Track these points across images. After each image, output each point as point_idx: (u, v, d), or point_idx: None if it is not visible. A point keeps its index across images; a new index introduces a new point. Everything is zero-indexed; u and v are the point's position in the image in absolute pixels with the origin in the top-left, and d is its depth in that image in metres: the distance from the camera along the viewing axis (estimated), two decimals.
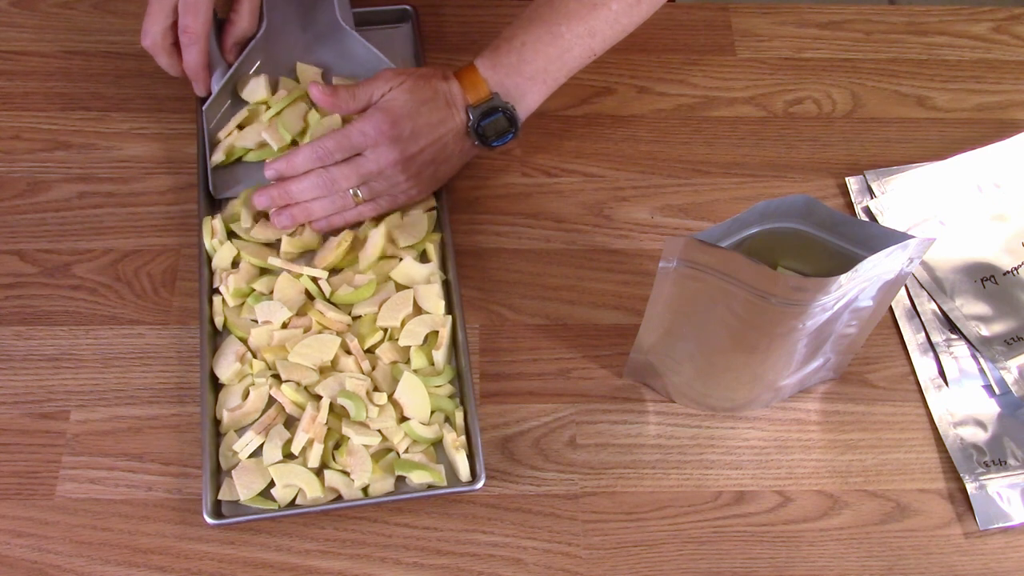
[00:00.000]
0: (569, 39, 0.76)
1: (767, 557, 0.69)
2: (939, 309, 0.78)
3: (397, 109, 0.73)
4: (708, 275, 0.60)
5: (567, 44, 0.76)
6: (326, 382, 0.71)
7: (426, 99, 0.74)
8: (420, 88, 0.74)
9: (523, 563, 0.68)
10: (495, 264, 0.80)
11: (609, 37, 0.78)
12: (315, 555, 0.68)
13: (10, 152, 0.84)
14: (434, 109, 0.74)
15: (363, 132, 0.73)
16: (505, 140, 0.77)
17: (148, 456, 0.71)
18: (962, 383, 0.75)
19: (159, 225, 0.80)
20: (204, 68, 0.79)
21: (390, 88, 0.74)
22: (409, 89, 0.73)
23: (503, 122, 0.76)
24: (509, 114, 0.75)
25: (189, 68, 0.79)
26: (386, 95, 0.73)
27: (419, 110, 0.73)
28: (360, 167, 0.74)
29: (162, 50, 0.78)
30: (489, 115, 0.75)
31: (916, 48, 0.93)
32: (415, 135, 0.73)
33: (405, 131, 0.73)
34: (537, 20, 0.76)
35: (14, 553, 0.67)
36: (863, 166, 0.85)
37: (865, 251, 0.61)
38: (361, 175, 0.74)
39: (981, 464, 0.72)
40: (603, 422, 0.73)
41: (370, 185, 0.75)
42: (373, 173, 0.74)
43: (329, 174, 0.74)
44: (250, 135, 0.81)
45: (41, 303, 0.77)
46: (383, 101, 0.73)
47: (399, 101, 0.73)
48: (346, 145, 0.73)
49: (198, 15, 0.76)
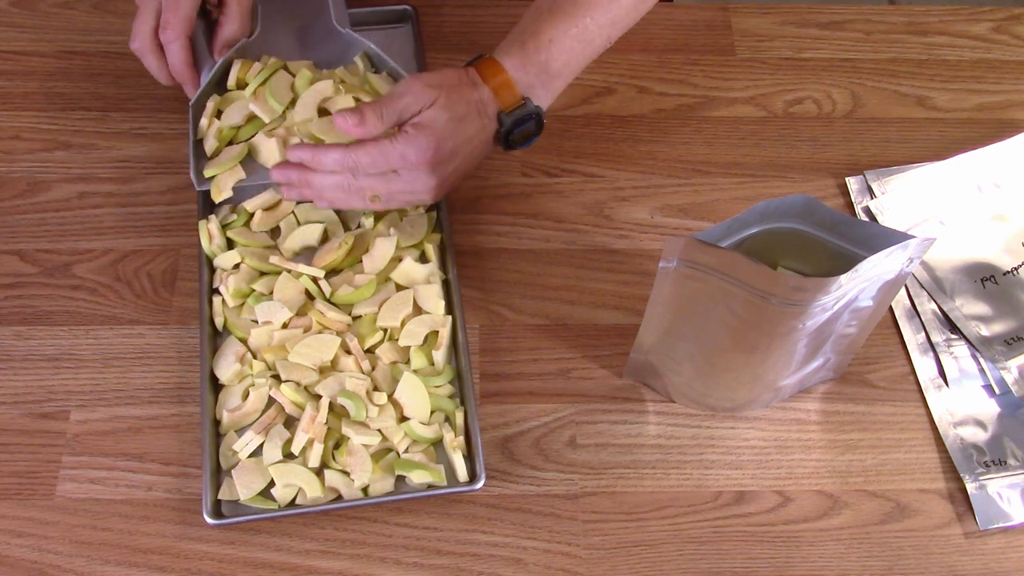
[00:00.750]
0: (593, 31, 0.74)
1: (767, 557, 0.69)
2: (939, 309, 0.78)
3: (439, 131, 0.68)
4: (708, 275, 0.60)
5: (591, 36, 0.74)
6: (326, 382, 0.71)
7: (462, 115, 0.70)
8: (455, 103, 0.70)
9: (523, 563, 0.68)
10: (495, 264, 0.80)
11: (626, 25, 0.76)
12: (315, 555, 0.68)
13: (10, 152, 0.84)
14: (469, 123, 0.71)
15: (404, 156, 0.68)
16: (529, 143, 0.75)
17: (148, 456, 0.71)
18: (962, 383, 0.75)
19: (159, 225, 0.80)
20: (188, 66, 0.77)
21: (425, 106, 0.69)
22: (445, 106, 0.69)
23: (532, 127, 0.74)
24: (538, 119, 0.73)
25: (173, 67, 0.77)
26: (423, 114, 0.69)
27: (457, 128, 0.70)
28: (392, 184, 0.70)
29: (149, 51, 0.77)
30: (521, 123, 0.72)
31: (916, 48, 0.93)
32: (452, 154, 0.70)
33: (445, 153, 0.69)
34: (560, 12, 0.73)
35: (14, 553, 0.67)
36: (863, 166, 0.85)
37: (865, 251, 0.61)
38: (391, 191, 0.71)
39: (981, 464, 0.72)
40: (603, 422, 0.73)
41: (393, 195, 0.72)
42: (404, 192, 0.71)
43: (357, 183, 0.70)
44: (234, 113, 0.78)
45: (41, 303, 0.77)
46: (422, 121, 0.69)
47: (440, 122, 0.69)
48: (383, 164, 0.69)
49: (178, 11, 0.74)
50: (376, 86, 0.80)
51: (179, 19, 0.74)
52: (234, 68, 0.79)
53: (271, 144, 0.76)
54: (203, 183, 0.77)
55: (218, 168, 0.76)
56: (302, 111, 0.76)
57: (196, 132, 0.78)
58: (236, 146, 0.77)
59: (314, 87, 0.77)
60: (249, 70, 0.79)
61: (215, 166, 0.76)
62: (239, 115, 0.78)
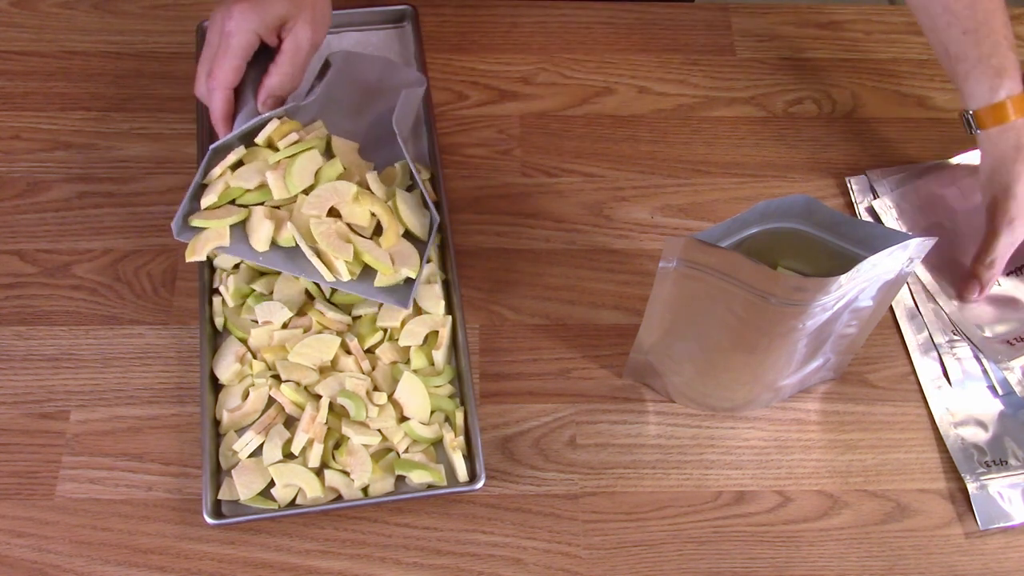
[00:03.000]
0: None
1: (767, 557, 0.69)
2: (941, 309, 0.78)
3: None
4: (708, 275, 0.60)
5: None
6: (326, 382, 0.71)
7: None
8: None
9: (523, 563, 0.68)
10: (495, 264, 0.80)
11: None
12: (315, 555, 0.68)
13: (10, 152, 0.84)
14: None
15: None
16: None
17: (148, 456, 0.71)
18: (965, 384, 0.75)
19: (159, 225, 0.80)
20: (223, 120, 0.72)
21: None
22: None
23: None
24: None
25: (211, 115, 0.73)
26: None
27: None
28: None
29: (206, 96, 0.72)
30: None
31: (916, 48, 0.93)
32: None
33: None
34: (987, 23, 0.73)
35: (14, 553, 0.67)
36: (863, 166, 0.85)
37: (865, 251, 0.61)
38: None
39: (982, 464, 0.72)
40: (603, 422, 0.73)
41: None
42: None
43: None
44: (249, 175, 0.71)
45: (41, 303, 0.77)
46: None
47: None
48: None
49: (225, 60, 0.70)
50: (399, 205, 0.72)
51: (224, 69, 0.70)
52: (271, 124, 0.72)
53: (265, 228, 0.70)
54: (184, 231, 0.70)
55: (206, 222, 0.70)
56: (311, 206, 0.70)
57: (204, 175, 0.72)
58: (234, 208, 0.71)
59: (334, 185, 0.71)
60: (284, 136, 0.72)
61: (204, 219, 0.70)
62: (253, 179, 0.71)
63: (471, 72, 0.89)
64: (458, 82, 0.89)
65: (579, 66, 0.90)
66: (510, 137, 0.86)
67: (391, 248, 0.71)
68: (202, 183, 0.72)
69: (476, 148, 0.85)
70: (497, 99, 0.88)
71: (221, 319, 0.74)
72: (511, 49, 0.91)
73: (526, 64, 0.90)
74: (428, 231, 0.74)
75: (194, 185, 0.71)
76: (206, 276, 0.76)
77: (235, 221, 0.70)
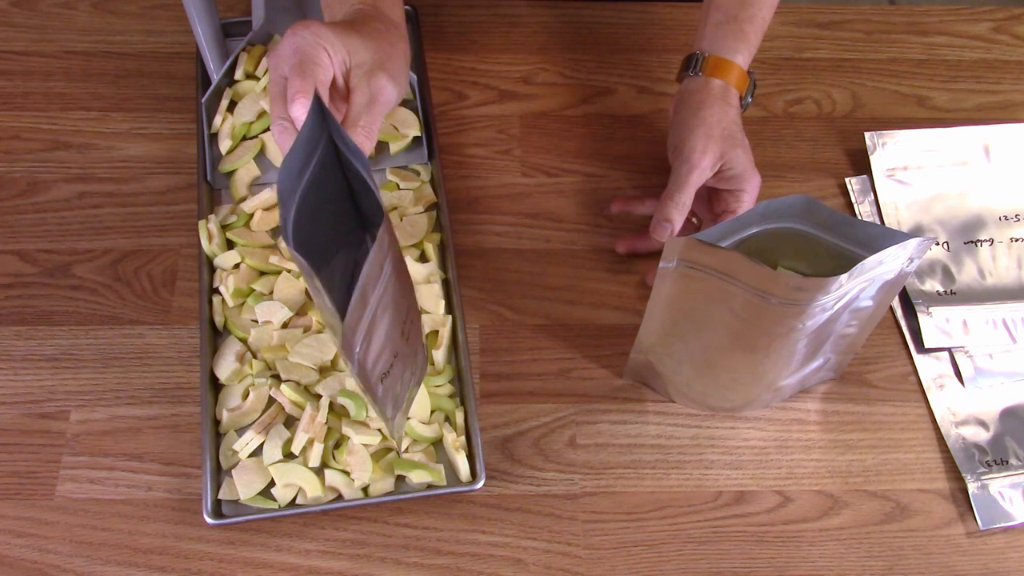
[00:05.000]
0: None
1: (767, 557, 0.69)
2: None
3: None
4: (708, 275, 0.60)
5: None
6: (326, 381, 0.71)
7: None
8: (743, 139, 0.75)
9: (523, 563, 0.68)
10: (495, 264, 0.80)
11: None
12: (315, 555, 0.68)
13: (10, 152, 0.84)
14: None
15: None
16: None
17: (148, 456, 0.71)
18: (977, 381, 0.75)
19: (159, 225, 0.80)
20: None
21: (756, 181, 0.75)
22: (746, 147, 0.75)
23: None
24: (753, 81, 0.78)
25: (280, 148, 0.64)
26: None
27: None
28: None
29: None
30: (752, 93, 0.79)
31: (916, 48, 0.93)
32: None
33: None
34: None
35: (14, 553, 0.67)
36: (863, 166, 0.85)
37: (865, 251, 0.61)
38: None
39: (983, 464, 0.72)
40: (603, 422, 0.73)
41: None
42: None
43: None
44: (247, 108, 0.80)
45: (41, 303, 0.77)
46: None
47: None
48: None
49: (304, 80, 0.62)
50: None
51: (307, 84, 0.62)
52: (241, 59, 0.81)
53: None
54: (220, 181, 0.79)
55: (235, 164, 0.79)
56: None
57: (210, 127, 0.80)
58: (250, 141, 0.80)
59: None
60: (258, 62, 0.80)
61: (232, 162, 0.79)
62: (251, 111, 0.80)
63: (471, 72, 0.89)
64: (458, 82, 0.89)
65: (579, 66, 0.90)
66: (510, 137, 0.86)
67: (391, 119, 0.81)
68: (212, 133, 0.80)
69: (476, 148, 0.85)
70: (497, 99, 0.88)
71: (221, 319, 0.74)
72: (511, 49, 0.91)
73: (526, 64, 0.90)
74: (413, 92, 0.83)
75: (206, 139, 0.79)
76: (206, 276, 0.76)
77: (255, 153, 0.80)
